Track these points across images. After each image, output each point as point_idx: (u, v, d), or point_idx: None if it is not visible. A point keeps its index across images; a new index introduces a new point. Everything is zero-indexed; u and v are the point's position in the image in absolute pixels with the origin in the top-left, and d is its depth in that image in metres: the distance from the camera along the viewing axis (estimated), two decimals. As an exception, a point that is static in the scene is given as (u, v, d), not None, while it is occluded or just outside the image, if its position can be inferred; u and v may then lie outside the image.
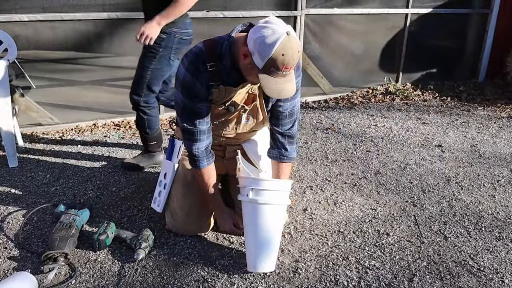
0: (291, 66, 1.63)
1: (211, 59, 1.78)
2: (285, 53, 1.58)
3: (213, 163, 2.01)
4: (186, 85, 1.82)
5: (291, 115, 2.01)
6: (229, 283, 1.86)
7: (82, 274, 1.88)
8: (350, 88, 4.78)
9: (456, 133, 3.75)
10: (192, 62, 1.80)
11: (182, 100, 1.86)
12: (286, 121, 2.01)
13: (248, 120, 2.01)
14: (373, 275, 1.94)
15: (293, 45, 1.60)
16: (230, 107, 1.92)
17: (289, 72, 1.65)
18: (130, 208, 2.40)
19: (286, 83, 1.67)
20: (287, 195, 1.93)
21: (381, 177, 2.89)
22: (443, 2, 4.91)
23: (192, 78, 1.80)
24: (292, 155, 2.06)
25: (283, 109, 1.98)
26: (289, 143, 2.04)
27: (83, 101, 3.70)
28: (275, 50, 1.57)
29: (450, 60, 5.29)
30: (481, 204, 2.59)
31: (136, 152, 3.15)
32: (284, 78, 1.66)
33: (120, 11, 3.46)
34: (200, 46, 1.82)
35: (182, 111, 1.89)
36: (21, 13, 3.18)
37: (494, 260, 2.08)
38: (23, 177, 2.73)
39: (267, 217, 1.85)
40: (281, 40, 1.57)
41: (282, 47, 1.57)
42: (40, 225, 2.21)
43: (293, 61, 1.62)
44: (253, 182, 1.86)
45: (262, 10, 4.00)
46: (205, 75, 1.80)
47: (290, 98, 1.96)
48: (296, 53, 1.62)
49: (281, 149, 2.04)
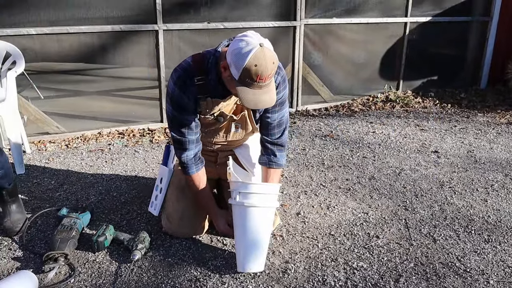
0: (265, 76, 1.69)
1: (199, 73, 1.88)
2: (258, 63, 1.65)
3: (203, 169, 2.10)
4: (174, 99, 1.92)
5: (279, 125, 2.09)
6: (220, 282, 1.94)
7: (81, 274, 1.98)
8: (351, 96, 4.85)
9: (453, 139, 3.80)
10: (180, 77, 1.90)
11: (171, 112, 1.96)
12: (275, 131, 2.10)
13: (237, 129, 2.10)
14: (360, 276, 2.01)
15: (266, 56, 1.67)
16: (219, 118, 2.02)
17: (265, 83, 1.71)
18: (130, 212, 2.50)
19: (263, 94, 1.73)
20: (274, 198, 2.01)
21: (375, 182, 2.96)
22: (442, 10, 4.97)
23: (180, 92, 1.90)
24: (281, 162, 2.15)
25: (271, 120, 2.07)
26: (278, 150, 2.13)
27: (88, 111, 3.83)
28: (248, 61, 1.65)
29: (451, 67, 5.35)
30: (472, 208, 2.65)
31: (138, 159, 3.26)
32: (261, 89, 1.72)
33: (123, 23, 3.59)
34: (188, 60, 1.92)
35: (171, 122, 2.00)
36: (29, 27, 3.33)
37: (481, 261, 2.14)
38: (29, 183, 2.85)
39: (254, 219, 1.94)
40: (254, 51, 1.65)
41: (254, 58, 1.65)
42: (44, 228, 2.33)
43: (267, 71, 1.68)
44: (241, 186, 1.95)
45: (262, 21, 4.11)
46: (193, 88, 1.89)
47: (278, 110, 2.05)
48: (270, 64, 1.68)
49: (270, 156, 2.12)
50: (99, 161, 3.23)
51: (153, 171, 3.06)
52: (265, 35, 4.31)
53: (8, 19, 3.28)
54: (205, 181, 2.12)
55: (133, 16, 3.64)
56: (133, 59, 3.86)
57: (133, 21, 3.64)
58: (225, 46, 1.87)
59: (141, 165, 3.17)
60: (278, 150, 2.12)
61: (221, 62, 1.79)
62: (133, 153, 3.40)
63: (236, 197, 1.94)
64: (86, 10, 3.48)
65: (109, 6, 3.55)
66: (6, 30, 3.26)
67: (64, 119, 3.72)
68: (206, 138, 2.13)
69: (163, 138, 3.69)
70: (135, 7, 3.65)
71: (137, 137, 3.73)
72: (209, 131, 2.11)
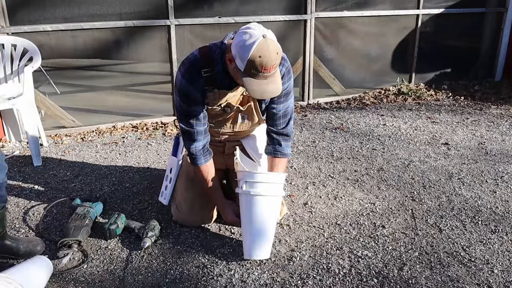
0: (270, 67, 1.74)
1: (206, 65, 1.93)
2: (262, 54, 1.70)
3: (211, 160, 2.16)
4: (182, 91, 1.98)
5: (285, 116, 2.14)
6: (227, 269, 2.00)
7: (93, 260, 2.06)
8: (363, 89, 4.86)
9: (465, 131, 3.78)
10: (187, 70, 1.96)
11: (180, 104, 2.02)
12: (280, 121, 2.15)
13: (244, 120, 2.16)
14: (365, 264, 2.05)
15: (269, 47, 1.72)
16: (226, 108, 2.07)
17: (269, 73, 1.76)
18: (141, 202, 2.58)
19: (268, 84, 1.78)
20: (279, 187, 2.06)
21: (383, 173, 2.98)
22: (455, 2, 4.93)
23: (187, 85, 1.96)
24: (286, 151, 2.19)
25: (277, 110, 2.11)
26: (284, 140, 2.17)
27: (103, 105, 3.92)
28: (252, 53, 1.70)
29: (464, 59, 5.30)
30: (480, 199, 2.65)
31: (151, 151, 3.34)
32: (266, 79, 1.77)
33: (136, 19, 3.67)
34: (195, 53, 1.98)
35: (180, 114, 2.06)
36: (45, 24, 3.42)
37: (486, 251, 2.15)
38: (46, 174, 2.95)
39: (260, 208, 1.99)
40: (257, 42, 1.70)
41: (258, 49, 1.70)
42: (59, 217, 2.42)
43: (271, 62, 1.73)
44: (247, 175, 2.00)
45: (273, 15, 4.14)
46: (200, 81, 1.95)
47: (283, 101, 2.10)
48: (274, 55, 1.73)
49: (276, 145, 2.17)
50: (113, 153, 3.32)
51: (165, 163, 3.13)
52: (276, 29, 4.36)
53: (25, 16, 3.39)
54: (213, 172, 2.17)
55: (146, 12, 3.71)
56: (146, 54, 3.94)
57: (145, 16, 3.71)
58: (230, 39, 1.92)
59: (153, 157, 3.25)
60: (283, 139, 2.17)
61: (226, 55, 1.84)
62: (146, 145, 3.48)
63: (243, 186, 1.99)
64: (100, 7, 3.56)
65: (122, 2, 3.62)
66: (23, 27, 3.36)
67: (80, 113, 3.82)
68: (213, 129, 2.19)
69: (175, 131, 3.76)
70: (147, 3, 3.72)
71: (150, 130, 3.81)
72: (216, 122, 2.16)
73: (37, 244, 2.09)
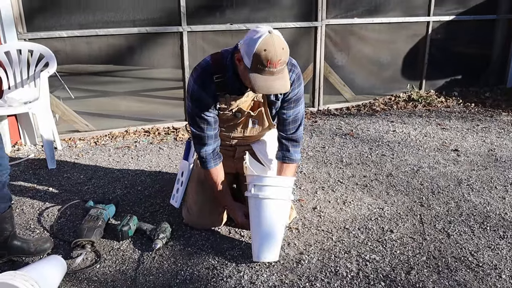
0: (275, 62, 1.77)
1: (217, 71, 1.99)
2: (267, 48, 1.75)
3: (220, 164, 2.20)
4: (194, 96, 2.03)
5: (294, 122, 2.18)
6: (236, 271, 2.04)
7: (106, 260, 2.11)
8: (373, 95, 4.88)
9: (475, 138, 3.78)
10: (200, 75, 2.01)
11: (191, 109, 2.07)
12: (290, 127, 2.18)
13: (254, 125, 2.20)
14: (372, 267, 2.07)
15: (275, 41, 1.76)
16: (237, 113, 2.12)
17: (276, 69, 1.79)
18: (153, 205, 2.63)
19: (275, 80, 1.81)
20: (288, 191, 2.09)
21: (392, 179, 3.00)
22: (466, 9, 4.94)
23: (199, 90, 2.01)
24: (294, 157, 2.22)
25: (287, 116, 2.15)
26: (292, 146, 2.21)
27: (116, 110, 4.00)
28: (258, 47, 1.75)
29: (475, 66, 5.29)
30: (489, 205, 2.66)
31: (163, 155, 3.39)
32: (272, 75, 1.80)
33: (149, 26, 3.75)
34: (207, 59, 2.03)
35: (191, 118, 2.11)
36: (61, 30, 3.51)
37: (494, 257, 2.16)
38: (60, 177, 3.02)
39: (268, 211, 2.02)
40: (263, 37, 1.75)
41: (263, 43, 1.75)
42: (72, 218, 2.48)
43: (276, 56, 1.76)
44: (255, 179, 2.04)
45: (284, 22, 4.19)
46: (212, 86, 2.00)
47: (293, 106, 2.13)
48: (280, 50, 1.77)
49: (284, 151, 2.21)
50: (126, 157, 3.38)
51: (177, 167, 3.18)
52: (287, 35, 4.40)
53: (42, 23, 3.48)
54: (223, 175, 2.22)
55: (159, 19, 3.79)
56: (158, 61, 4.01)
57: (158, 23, 3.78)
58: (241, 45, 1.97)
59: (165, 161, 3.31)
60: (292, 145, 2.20)
61: (235, 55, 1.90)
62: (157, 150, 3.54)
63: (252, 190, 2.03)
64: (114, 13, 3.64)
65: (136, 9, 3.70)
66: (40, 33, 3.45)
67: (93, 118, 3.89)
68: (224, 133, 2.24)
69: (186, 136, 3.81)
70: (160, 10, 3.79)
71: (162, 135, 3.87)
72: (227, 126, 2.21)
73: (46, 241, 2.16)
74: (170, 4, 3.77)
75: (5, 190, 1.96)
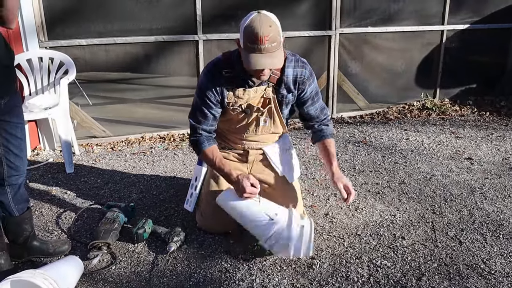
0: (261, 37, 1.86)
1: (227, 66, 2.10)
2: (253, 25, 1.87)
3: (215, 145, 2.24)
4: (201, 88, 2.16)
5: (322, 110, 2.35)
6: (248, 274, 2.07)
7: (121, 262, 2.16)
8: (387, 104, 4.89)
9: (489, 147, 3.77)
10: (210, 70, 2.14)
11: (196, 100, 2.20)
12: (321, 116, 2.36)
13: (266, 122, 2.26)
14: (383, 273, 2.08)
15: (262, 19, 1.88)
16: (247, 110, 2.19)
17: (264, 46, 1.88)
18: (167, 209, 2.68)
19: (264, 57, 1.91)
20: None
21: (405, 186, 3.01)
22: (480, 18, 4.94)
23: (207, 83, 2.12)
24: (332, 131, 2.40)
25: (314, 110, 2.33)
26: (329, 124, 2.39)
27: (133, 117, 4.09)
28: (246, 24, 1.89)
29: (490, 75, 5.27)
30: (503, 213, 2.65)
31: (177, 161, 3.45)
32: (261, 53, 1.90)
33: (165, 34, 3.83)
34: (219, 56, 2.17)
35: (193, 109, 2.22)
36: (80, 38, 3.61)
37: (507, 265, 2.16)
38: (78, 181, 3.09)
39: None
40: (251, 16, 1.90)
41: (251, 21, 1.88)
42: (89, 221, 2.54)
43: (262, 32, 1.86)
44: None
45: (298, 30, 4.24)
46: (221, 80, 2.11)
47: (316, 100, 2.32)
48: (266, 26, 1.86)
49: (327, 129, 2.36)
50: (141, 162, 3.45)
51: (191, 173, 3.23)
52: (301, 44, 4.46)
53: (63, 31, 3.58)
54: (220, 153, 2.25)
55: (175, 27, 3.87)
56: (174, 68, 4.09)
57: (174, 32, 3.86)
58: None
59: (180, 167, 3.36)
60: (329, 123, 2.40)
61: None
62: (172, 156, 3.60)
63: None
64: (132, 22, 3.74)
65: (153, 18, 3.79)
66: (61, 41, 3.55)
67: (110, 124, 3.98)
68: (237, 136, 2.30)
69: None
70: (177, 19, 3.88)
71: (177, 141, 3.94)
72: (240, 127, 2.27)
73: (64, 243, 2.22)
74: (186, 13, 3.85)
75: (22, 191, 2.03)
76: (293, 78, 2.19)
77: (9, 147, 1.87)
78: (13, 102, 1.86)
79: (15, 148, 1.89)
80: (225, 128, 2.33)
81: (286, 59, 2.14)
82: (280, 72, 2.16)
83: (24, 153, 1.96)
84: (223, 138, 2.38)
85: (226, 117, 2.25)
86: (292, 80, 2.19)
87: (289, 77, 2.18)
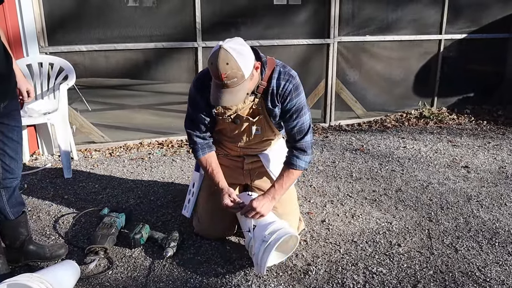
0: (218, 75, 1.83)
1: None
2: (213, 62, 1.86)
3: (211, 153, 2.27)
4: (191, 97, 2.20)
5: (300, 132, 2.19)
6: (244, 280, 2.08)
7: (118, 267, 2.17)
8: (384, 112, 4.91)
9: (486, 155, 3.79)
10: (199, 79, 2.16)
11: (188, 109, 2.23)
12: (296, 137, 2.20)
13: (258, 131, 2.26)
14: (379, 280, 2.09)
15: (220, 56, 1.82)
16: (236, 120, 2.20)
17: (222, 82, 1.85)
18: (165, 215, 2.69)
19: (223, 93, 1.89)
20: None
21: (401, 194, 3.02)
22: (478, 27, 4.98)
23: (195, 91, 2.15)
24: (297, 164, 2.19)
25: (292, 127, 2.18)
26: (300, 154, 2.20)
27: (131, 123, 4.10)
28: (208, 58, 1.89)
29: (488, 84, 5.30)
30: (499, 221, 2.66)
31: (175, 167, 3.47)
32: (222, 88, 1.88)
33: (165, 41, 3.86)
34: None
35: (186, 117, 2.26)
36: (80, 44, 3.64)
37: (502, 272, 2.17)
38: (76, 186, 3.10)
39: None
40: (214, 50, 1.87)
41: (212, 55, 1.87)
42: (87, 226, 2.55)
43: (219, 70, 1.82)
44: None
45: (296, 38, 4.27)
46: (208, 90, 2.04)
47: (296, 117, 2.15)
48: (223, 64, 1.82)
49: (291, 157, 2.21)
50: (139, 168, 3.46)
51: (189, 179, 3.24)
52: (299, 52, 4.49)
53: (63, 37, 3.61)
54: (216, 162, 2.27)
55: (175, 34, 3.90)
56: (173, 75, 4.12)
57: (174, 39, 3.90)
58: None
59: (177, 173, 3.38)
60: (299, 153, 2.20)
61: None
62: (170, 162, 3.61)
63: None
64: (132, 29, 3.77)
65: (153, 25, 3.82)
66: (61, 47, 3.58)
67: (109, 130, 4.00)
68: (232, 144, 2.31)
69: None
70: (176, 26, 3.91)
71: (175, 147, 3.95)
72: (233, 136, 2.29)
73: (61, 247, 2.23)
74: (186, 20, 3.89)
75: (17, 194, 2.04)
76: (276, 90, 2.12)
77: (5, 149, 1.89)
78: (12, 105, 1.88)
79: (11, 151, 1.91)
80: (220, 136, 2.35)
81: (274, 70, 2.10)
82: (267, 83, 2.12)
83: (19, 157, 1.98)
84: (220, 144, 2.39)
85: (219, 126, 2.27)
86: (275, 92, 2.12)
87: (273, 89, 2.12)
